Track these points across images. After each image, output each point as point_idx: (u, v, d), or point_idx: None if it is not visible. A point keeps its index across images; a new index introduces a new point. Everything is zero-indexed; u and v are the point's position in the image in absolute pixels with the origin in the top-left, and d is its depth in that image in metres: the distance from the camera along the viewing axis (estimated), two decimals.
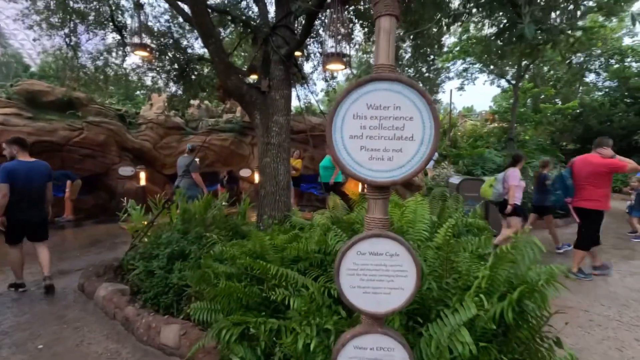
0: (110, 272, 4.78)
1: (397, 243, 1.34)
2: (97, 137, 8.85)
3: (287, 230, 3.78)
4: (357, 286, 1.36)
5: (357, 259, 1.36)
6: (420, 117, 1.30)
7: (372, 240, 1.35)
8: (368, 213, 1.40)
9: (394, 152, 1.32)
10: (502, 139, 12.96)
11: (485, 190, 5.28)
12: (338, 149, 1.33)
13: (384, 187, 1.36)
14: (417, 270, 1.34)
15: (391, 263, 1.35)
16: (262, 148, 4.51)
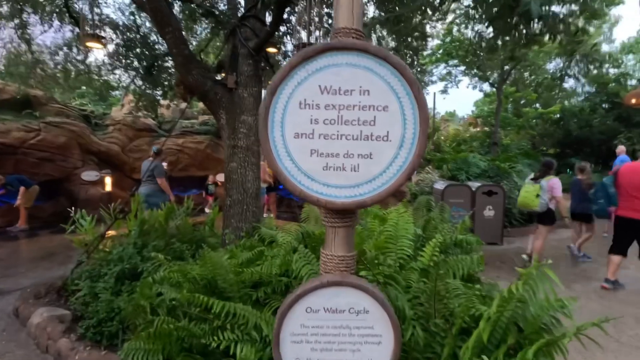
0: (53, 293, 4.17)
1: (367, 295, 0.90)
2: (56, 139, 8.14)
3: (252, 246, 3.31)
4: (307, 359, 0.91)
5: (306, 318, 0.91)
6: (399, 107, 0.86)
7: (329, 292, 0.91)
8: (324, 248, 0.96)
9: (361, 158, 0.88)
10: (485, 143, 12.84)
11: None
12: (277, 153, 0.89)
13: (346, 211, 0.91)
14: (395, 335, 0.90)
15: (357, 324, 0.91)
16: (228, 152, 4.02)
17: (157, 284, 2.27)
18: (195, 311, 1.90)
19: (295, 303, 0.90)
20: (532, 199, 4.95)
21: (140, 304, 2.17)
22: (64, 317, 3.47)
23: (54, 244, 6.76)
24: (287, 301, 0.90)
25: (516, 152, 10.64)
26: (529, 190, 5.03)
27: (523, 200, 5.09)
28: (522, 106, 16.15)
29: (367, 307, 0.90)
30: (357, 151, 0.88)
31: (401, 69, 0.84)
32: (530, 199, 4.96)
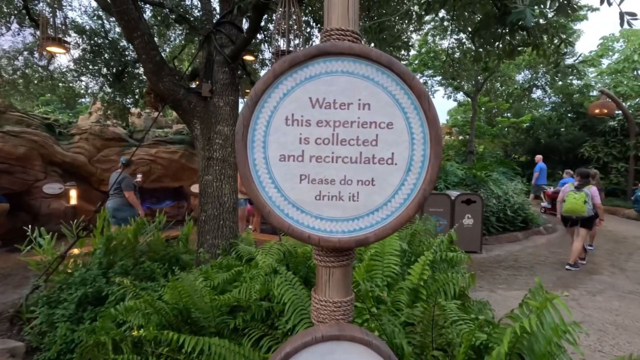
0: (4, 322, 3.75)
1: (370, 350, 0.74)
2: (15, 150, 7.56)
3: (229, 265, 3.08)
4: None
5: None
6: (406, 124, 0.72)
7: (324, 348, 0.74)
8: (316, 291, 0.80)
9: (361, 185, 0.73)
10: (461, 151, 13.10)
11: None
12: (258, 180, 0.72)
13: (343, 250, 0.76)
14: None
15: None
16: (203, 164, 3.80)
17: (122, 314, 2.02)
18: (164, 350, 1.67)
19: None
20: (581, 205, 5.47)
21: (101, 340, 1.92)
22: (16, 349, 3.10)
23: (8, 265, 6.19)
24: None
25: (491, 161, 10.88)
26: (577, 198, 5.52)
27: (573, 207, 5.54)
28: (494, 115, 16.68)
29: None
30: (356, 177, 0.73)
31: (408, 79, 0.71)
32: (580, 205, 5.48)
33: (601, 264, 6.29)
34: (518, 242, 8.08)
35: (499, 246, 7.67)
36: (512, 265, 6.26)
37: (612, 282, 5.40)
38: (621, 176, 12.26)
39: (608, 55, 16.40)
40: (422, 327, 1.45)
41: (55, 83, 7.42)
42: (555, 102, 16.56)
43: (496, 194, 8.40)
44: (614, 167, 12.56)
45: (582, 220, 5.58)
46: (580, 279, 5.57)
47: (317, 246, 0.74)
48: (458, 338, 1.45)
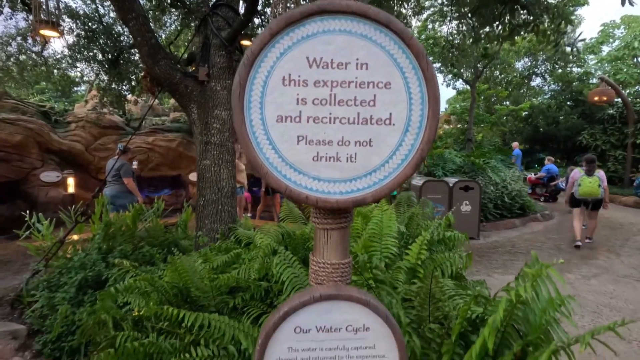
0: (5, 306, 3.78)
1: (367, 309, 0.75)
2: (11, 137, 7.51)
3: (228, 249, 3.10)
4: None
5: (295, 340, 0.75)
6: (404, 83, 0.72)
7: (321, 307, 0.75)
8: (314, 254, 0.80)
9: (359, 146, 0.73)
10: (459, 139, 13.09)
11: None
12: (255, 141, 0.72)
13: (341, 210, 0.76)
14: (400, 354, 0.76)
15: (356, 344, 0.76)
16: (200, 148, 3.78)
17: (122, 294, 2.04)
18: (164, 325, 1.69)
19: (281, 323, 0.74)
20: (596, 188, 6.04)
21: (102, 318, 1.94)
22: (17, 332, 3.13)
23: (8, 252, 6.22)
24: (272, 321, 0.74)
25: (489, 149, 10.88)
26: (592, 182, 6.07)
27: (590, 190, 6.07)
28: (493, 104, 16.61)
29: (368, 323, 0.76)
30: (353, 137, 0.73)
31: (406, 38, 0.70)
32: (595, 188, 6.04)
33: (597, 249, 6.35)
34: (515, 228, 8.14)
35: (496, 232, 7.73)
36: (509, 251, 6.32)
37: (607, 266, 5.47)
38: (619, 164, 12.29)
39: (608, 42, 16.27)
40: (419, 301, 1.46)
41: (49, 69, 7.33)
42: (555, 90, 16.49)
43: (494, 181, 8.43)
44: (612, 154, 12.58)
45: (595, 201, 6.16)
46: (575, 263, 5.63)
47: (315, 207, 0.74)
48: (454, 311, 1.47)
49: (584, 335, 1.02)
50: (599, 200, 6.17)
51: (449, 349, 1.31)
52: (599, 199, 6.13)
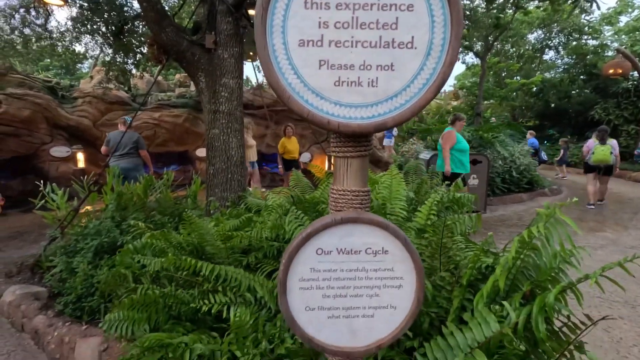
0: (26, 271, 3.95)
1: (386, 233, 0.78)
2: (20, 113, 7.55)
3: (238, 214, 3.16)
4: (318, 307, 0.79)
5: (317, 261, 0.78)
6: (427, 5, 0.71)
7: (342, 230, 0.78)
8: (334, 183, 0.82)
9: (380, 70, 0.73)
10: (468, 114, 12.86)
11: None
12: (277, 66, 0.73)
13: (362, 136, 0.77)
14: (418, 275, 0.79)
15: (375, 266, 0.79)
16: (209, 117, 3.78)
17: (139, 253, 2.11)
18: (182, 275, 1.76)
19: (304, 244, 0.77)
20: (608, 155, 6.75)
21: (121, 273, 2.02)
22: (39, 294, 3.28)
23: (24, 223, 6.39)
24: (295, 242, 0.77)
25: (499, 123, 10.72)
26: (604, 149, 6.78)
27: (602, 157, 6.78)
28: (504, 78, 16.20)
29: (387, 246, 0.78)
30: (375, 61, 0.73)
31: None
32: (607, 155, 6.75)
33: (605, 222, 6.35)
34: (522, 202, 8.14)
35: (503, 206, 7.73)
36: (516, 224, 6.34)
37: (614, 238, 5.48)
38: (631, 139, 12.06)
39: (627, 12, 15.60)
40: (430, 252, 1.50)
41: (54, 43, 7.26)
42: (568, 63, 15.99)
43: (502, 156, 8.35)
44: (624, 129, 12.33)
45: (607, 167, 6.95)
46: (582, 236, 5.64)
47: (337, 132, 0.75)
48: (465, 261, 1.51)
49: (594, 272, 1.04)
50: (610, 167, 6.90)
51: (459, 294, 1.35)
52: (610, 165, 6.86)
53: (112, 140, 5.54)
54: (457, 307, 1.29)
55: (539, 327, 1.04)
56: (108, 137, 5.66)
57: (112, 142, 5.51)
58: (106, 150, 5.61)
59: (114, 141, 5.53)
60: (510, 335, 1.01)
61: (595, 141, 6.97)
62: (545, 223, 1.10)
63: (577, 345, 1.35)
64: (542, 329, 1.04)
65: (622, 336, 2.92)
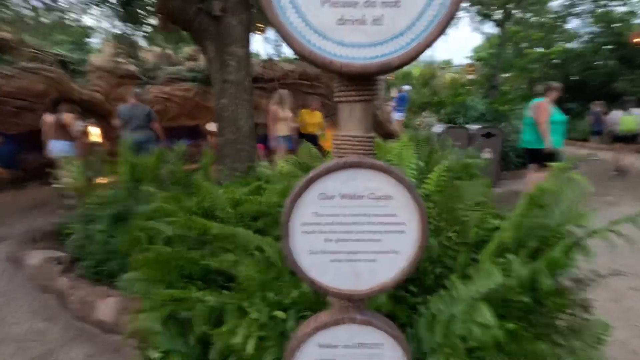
0: (48, 238, 4.12)
1: (389, 177, 0.78)
2: (34, 87, 7.64)
3: (248, 183, 3.19)
4: (321, 251, 0.81)
5: (319, 206, 0.79)
6: None
7: (345, 174, 0.78)
8: (337, 129, 0.81)
9: (385, 7, 0.70)
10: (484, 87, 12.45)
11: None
12: (277, 2, 0.70)
13: (365, 77, 0.76)
14: (421, 221, 0.79)
15: (378, 211, 0.80)
16: (217, 87, 3.76)
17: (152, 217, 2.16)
18: (194, 234, 1.81)
19: (307, 188, 0.77)
20: (635, 124, 7.19)
21: (137, 236, 2.09)
22: (61, 258, 3.43)
23: (43, 195, 6.62)
24: (298, 186, 0.77)
25: (516, 95, 10.36)
26: (630, 119, 7.21)
27: (629, 126, 7.20)
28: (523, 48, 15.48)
29: (390, 192, 0.78)
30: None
31: None
32: (634, 124, 7.19)
33: (623, 197, 6.21)
34: None
35: (517, 182, 7.59)
36: None
37: (631, 212, 5.35)
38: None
39: None
40: (438, 211, 1.49)
41: (62, 16, 7.23)
42: (593, 32, 15.13)
43: (517, 129, 8.12)
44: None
45: (633, 136, 7.32)
46: (598, 208, 5.54)
47: (340, 73, 0.74)
48: (472, 221, 1.50)
49: (604, 226, 1.02)
50: (635, 135, 7.30)
51: (466, 250, 1.35)
52: (636, 134, 7.27)
53: (123, 114, 5.58)
54: (463, 264, 1.29)
55: (544, 281, 1.04)
56: (119, 110, 5.68)
57: (123, 115, 5.55)
58: (117, 124, 5.66)
59: (125, 114, 5.57)
60: (514, 289, 1.02)
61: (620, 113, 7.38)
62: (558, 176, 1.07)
63: (582, 304, 1.35)
64: (548, 283, 1.04)
65: (632, 306, 2.91)
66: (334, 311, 0.86)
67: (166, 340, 1.34)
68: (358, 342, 0.84)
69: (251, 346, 0.97)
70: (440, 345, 0.92)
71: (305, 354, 0.84)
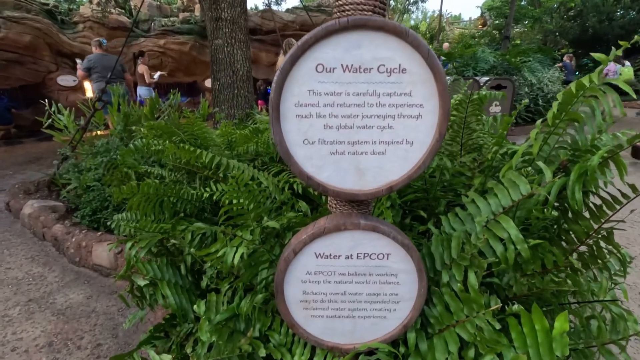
0: (43, 189, 4.05)
1: (404, 43, 0.61)
2: (20, 38, 7.25)
3: (245, 127, 3.02)
4: (319, 140, 0.66)
5: (317, 81, 0.64)
6: None
7: (348, 38, 0.61)
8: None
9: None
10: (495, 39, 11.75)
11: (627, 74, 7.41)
12: None
13: None
14: (442, 104, 0.64)
15: (389, 89, 0.64)
16: (211, 26, 3.47)
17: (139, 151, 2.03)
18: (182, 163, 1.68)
19: (301, 56, 0.61)
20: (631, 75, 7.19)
21: (125, 173, 1.96)
22: (56, 207, 3.37)
23: (40, 150, 6.50)
24: (290, 54, 0.61)
25: (528, 47, 9.78)
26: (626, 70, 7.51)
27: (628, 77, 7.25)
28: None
29: (404, 63, 0.62)
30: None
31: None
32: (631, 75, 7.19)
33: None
34: None
35: (525, 137, 7.38)
36: None
37: None
38: None
39: None
40: (452, 134, 1.34)
41: None
42: None
43: (529, 82, 7.75)
44: None
45: None
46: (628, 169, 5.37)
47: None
48: (488, 146, 1.35)
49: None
50: None
51: (481, 176, 1.22)
52: None
53: (94, 63, 5.22)
54: (479, 184, 1.16)
55: (575, 195, 0.91)
56: (90, 59, 5.27)
57: (94, 64, 5.21)
58: (83, 74, 5.30)
59: (96, 63, 5.22)
60: (541, 199, 0.88)
61: None
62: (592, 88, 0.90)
63: (605, 235, 1.24)
64: (578, 197, 0.90)
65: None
66: (334, 216, 0.73)
67: (154, 268, 1.24)
68: (361, 252, 0.72)
69: (237, 257, 0.86)
70: (455, 260, 0.80)
71: (300, 264, 0.73)
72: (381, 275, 0.74)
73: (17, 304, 2.17)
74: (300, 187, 1.51)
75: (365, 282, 0.74)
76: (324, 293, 0.75)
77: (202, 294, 1.27)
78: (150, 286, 1.23)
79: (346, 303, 0.76)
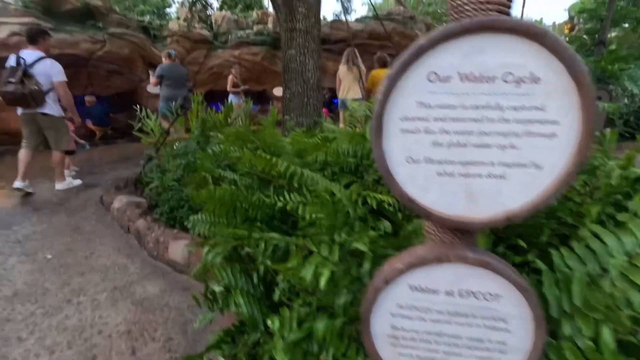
0: (131, 185, 4.49)
1: (540, 47, 0.51)
2: (121, 51, 8.26)
3: (314, 135, 3.04)
4: (425, 158, 0.58)
5: (428, 91, 0.56)
6: None
7: (469, 43, 0.53)
8: None
9: None
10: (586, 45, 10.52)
11: None
12: None
13: None
14: (585, 120, 0.52)
15: (517, 102, 0.54)
16: (285, 36, 3.58)
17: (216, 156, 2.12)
18: (258, 171, 1.71)
19: (412, 63, 0.54)
20: None
21: (202, 176, 2.07)
22: (140, 203, 3.69)
23: (130, 150, 7.28)
24: (400, 62, 0.54)
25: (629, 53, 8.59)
26: None
27: None
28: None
29: (538, 71, 0.52)
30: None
31: None
32: None
33: None
34: None
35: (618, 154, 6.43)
36: None
37: None
38: None
39: None
40: None
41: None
42: None
43: (629, 92, 6.77)
44: None
45: None
46: None
47: None
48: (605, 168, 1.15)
49: None
50: None
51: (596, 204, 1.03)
52: None
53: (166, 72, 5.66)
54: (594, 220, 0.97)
55: None
56: (163, 68, 5.75)
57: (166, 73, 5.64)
58: (156, 81, 5.79)
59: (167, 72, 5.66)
60: None
61: None
62: None
63: None
64: None
65: None
66: (433, 245, 0.64)
67: (229, 275, 1.25)
68: (466, 288, 0.62)
69: (324, 280, 0.81)
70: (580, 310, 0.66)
71: (391, 295, 0.65)
72: (487, 319, 0.63)
73: (104, 290, 2.39)
74: (375, 202, 1.43)
75: (467, 325, 0.64)
76: (416, 331, 0.66)
77: (272, 305, 1.25)
78: (223, 292, 1.24)
79: (441, 345, 0.66)
